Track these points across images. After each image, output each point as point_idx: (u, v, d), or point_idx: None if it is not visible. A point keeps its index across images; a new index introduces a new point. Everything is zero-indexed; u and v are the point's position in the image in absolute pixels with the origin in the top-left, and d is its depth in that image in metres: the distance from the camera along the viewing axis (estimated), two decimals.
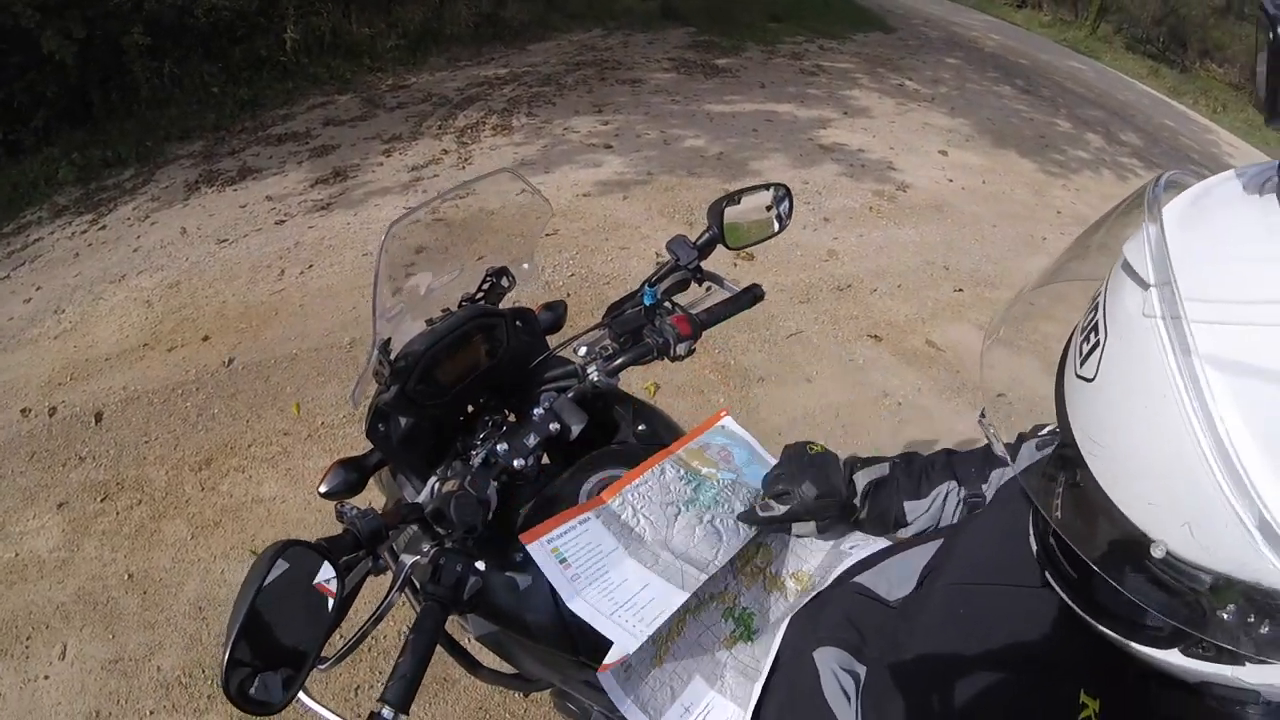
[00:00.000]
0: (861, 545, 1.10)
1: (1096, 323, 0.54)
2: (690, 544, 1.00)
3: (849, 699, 0.84)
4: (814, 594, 1.03)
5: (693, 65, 7.69)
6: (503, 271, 1.15)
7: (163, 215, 4.81)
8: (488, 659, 1.21)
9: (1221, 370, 0.44)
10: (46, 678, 2.32)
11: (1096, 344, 0.54)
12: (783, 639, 0.98)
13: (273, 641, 0.73)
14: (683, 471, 1.09)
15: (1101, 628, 0.60)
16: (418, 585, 0.94)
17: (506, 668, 1.19)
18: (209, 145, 5.84)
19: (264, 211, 4.64)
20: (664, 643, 0.97)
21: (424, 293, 1.11)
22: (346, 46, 7.34)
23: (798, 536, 1.11)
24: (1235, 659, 0.53)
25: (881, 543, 1.07)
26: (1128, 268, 0.53)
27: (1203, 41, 16.10)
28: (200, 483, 2.85)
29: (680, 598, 0.93)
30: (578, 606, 0.91)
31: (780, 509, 1.04)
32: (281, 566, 0.74)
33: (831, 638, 0.90)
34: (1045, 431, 0.90)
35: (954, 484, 1.05)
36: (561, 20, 8.96)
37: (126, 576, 2.57)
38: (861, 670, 0.86)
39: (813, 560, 1.10)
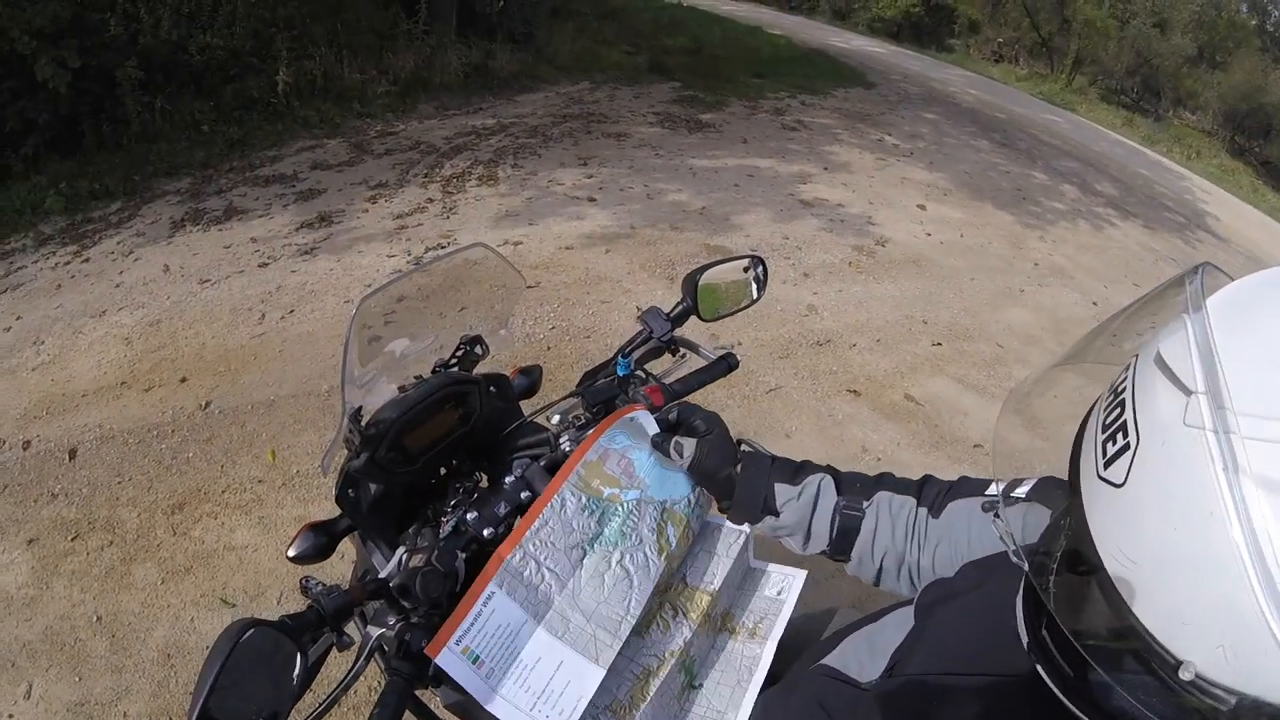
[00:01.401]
0: (790, 583, 1.10)
1: (1125, 423, 0.52)
2: (600, 597, 0.96)
3: None
4: (754, 635, 1.04)
5: (677, 120, 7.85)
6: (477, 340, 1.17)
7: (147, 251, 4.80)
8: None
9: (1272, 492, 0.43)
10: (10, 717, 2.28)
11: (1126, 447, 0.51)
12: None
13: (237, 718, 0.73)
14: (584, 499, 1.01)
15: None
16: (384, 657, 0.94)
17: None
18: (196, 183, 5.86)
19: (248, 253, 4.65)
20: (626, 711, 0.93)
21: (398, 359, 1.13)
22: (337, 91, 7.44)
23: (711, 523, 1.13)
24: None
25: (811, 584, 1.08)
26: (1163, 366, 0.51)
27: (1175, 90, 16.61)
28: (172, 527, 2.81)
29: (596, 676, 0.89)
30: (496, 708, 0.86)
31: (687, 453, 1.06)
32: (245, 645, 0.74)
33: None
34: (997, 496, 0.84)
35: (829, 480, 1.05)
36: (550, 72, 9.13)
37: (95, 618, 2.53)
38: None
39: (742, 605, 1.10)
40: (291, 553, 1.07)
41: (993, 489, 0.92)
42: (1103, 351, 0.62)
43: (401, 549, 1.01)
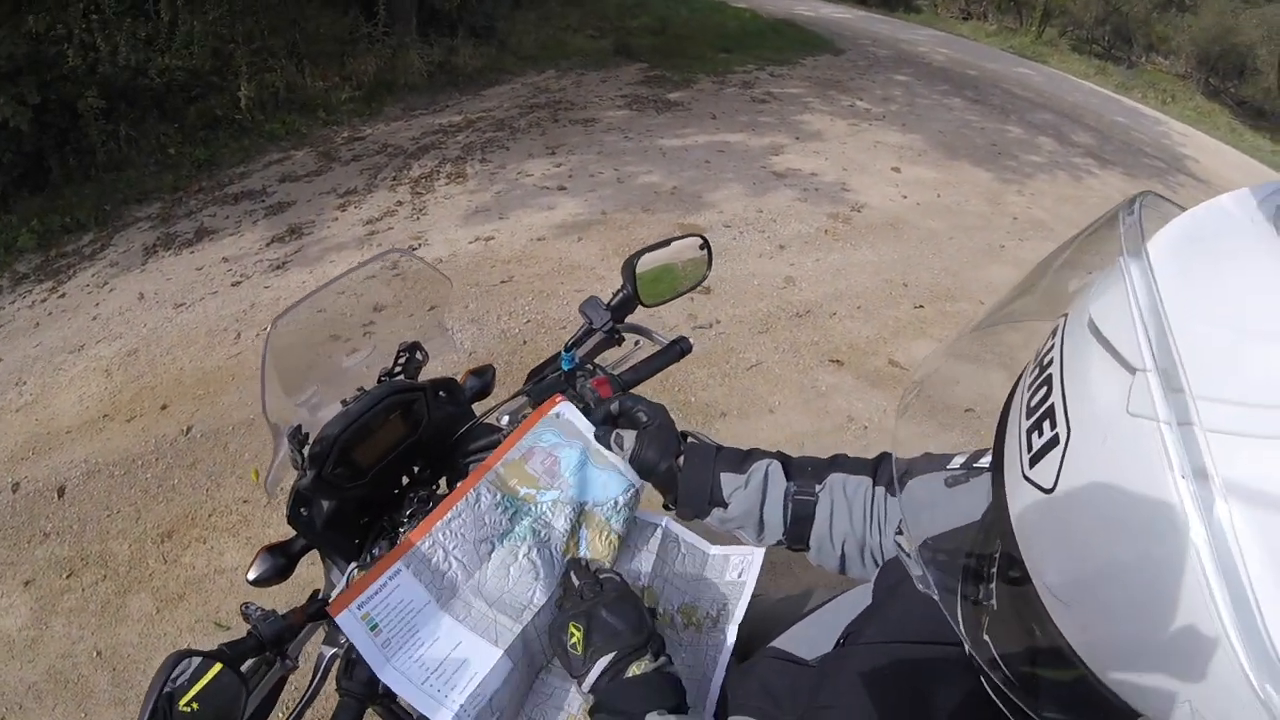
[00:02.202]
0: (748, 562, 1.08)
1: (1052, 408, 0.42)
2: (504, 587, 0.96)
3: None
4: (718, 623, 1.03)
5: (645, 101, 7.79)
6: (415, 346, 1.15)
7: (121, 281, 4.78)
8: None
9: (1247, 503, 0.33)
10: None
11: (1055, 440, 0.41)
12: (716, 706, 0.97)
13: None
14: (499, 496, 1.01)
15: None
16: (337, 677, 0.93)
17: None
18: (166, 207, 5.83)
19: (220, 273, 4.62)
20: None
21: (337, 373, 1.12)
22: (301, 101, 7.37)
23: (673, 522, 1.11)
24: None
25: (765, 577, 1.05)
26: (1097, 334, 0.40)
27: (1147, 36, 16.51)
28: (163, 555, 2.82)
29: (493, 656, 0.90)
30: (387, 676, 0.87)
31: (628, 445, 1.04)
32: (180, 676, 0.73)
33: (747, 706, 0.87)
34: (961, 466, 0.78)
35: (777, 465, 1.01)
36: (515, 63, 9.04)
37: (95, 654, 2.55)
38: None
39: (705, 595, 1.09)
40: (251, 576, 1.07)
41: (956, 461, 0.80)
42: (1033, 305, 0.51)
43: (353, 565, 1.00)
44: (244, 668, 0.83)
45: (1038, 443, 0.42)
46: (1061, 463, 0.40)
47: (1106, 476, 0.38)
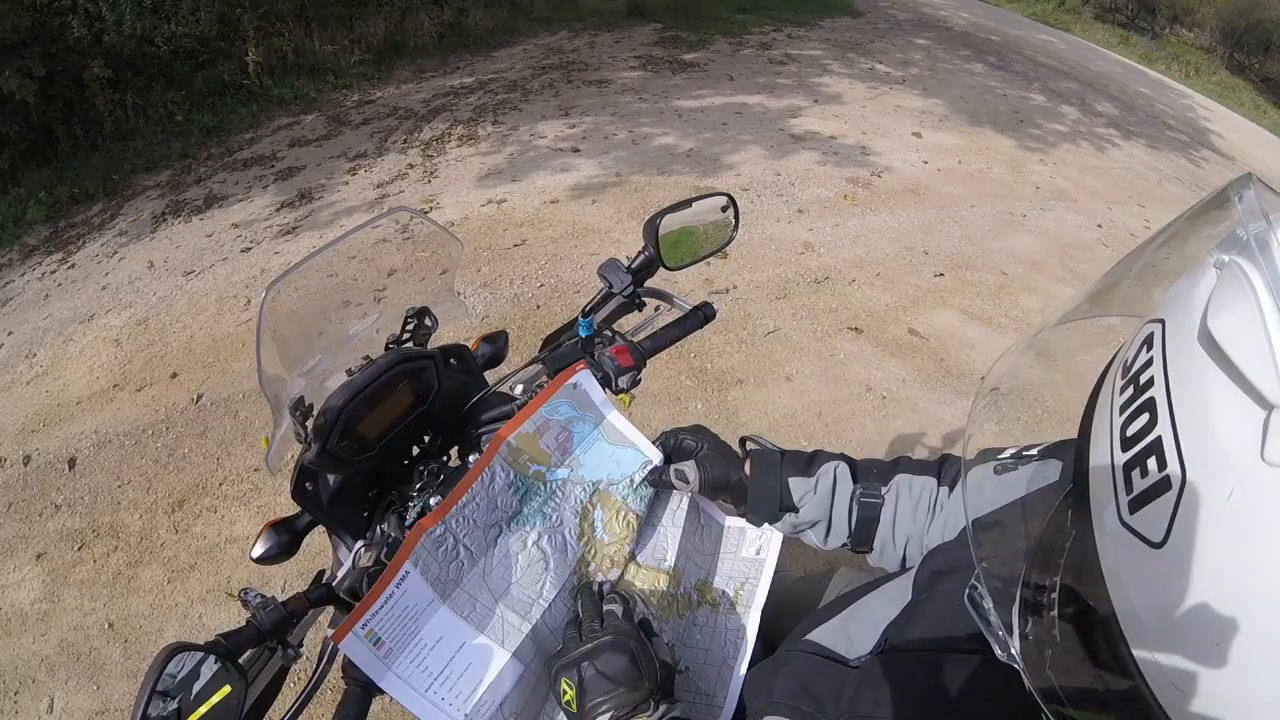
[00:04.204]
0: (768, 539, 1.04)
1: (1158, 443, 0.35)
2: (512, 578, 0.91)
3: None
4: (735, 605, 0.98)
5: (660, 62, 7.63)
6: (424, 311, 1.09)
7: (130, 250, 4.74)
8: None
9: None
10: None
11: (1164, 484, 0.35)
12: (739, 699, 0.92)
13: None
14: (512, 475, 0.94)
15: None
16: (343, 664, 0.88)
17: None
18: (176, 175, 5.78)
19: (230, 239, 4.57)
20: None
21: (341, 341, 1.05)
22: (310, 65, 7.27)
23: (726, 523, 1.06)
24: None
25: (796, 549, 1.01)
26: (1215, 352, 0.33)
27: (1171, 7, 16.11)
28: (174, 525, 2.80)
29: (500, 659, 0.84)
30: (388, 685, 0.82)
31: (692, 477, 0.99)
32: (172, 682, 0.68)
33: (782, 706, 0.83)
34: (1011, 454, 0.75)
35: (844, 468, 0.98)
36: (527, 24, 8.89)
37: (107, 625, 2.54)
38: None
39: (720, 571, 1.04)
40: (255, 554, 1.02)
41: (1006, 452, 0.76)
42: (1119, 302, 0.45)
43: (359, 544, 0.95)
44: (243, 659, 0.78)
45: (1140, 484, 0.36)
46: (1174, 514, 0.34)
47: (1235, 538, 0.31)
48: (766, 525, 1.04)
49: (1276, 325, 0.30)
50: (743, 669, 0.94)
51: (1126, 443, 0.37)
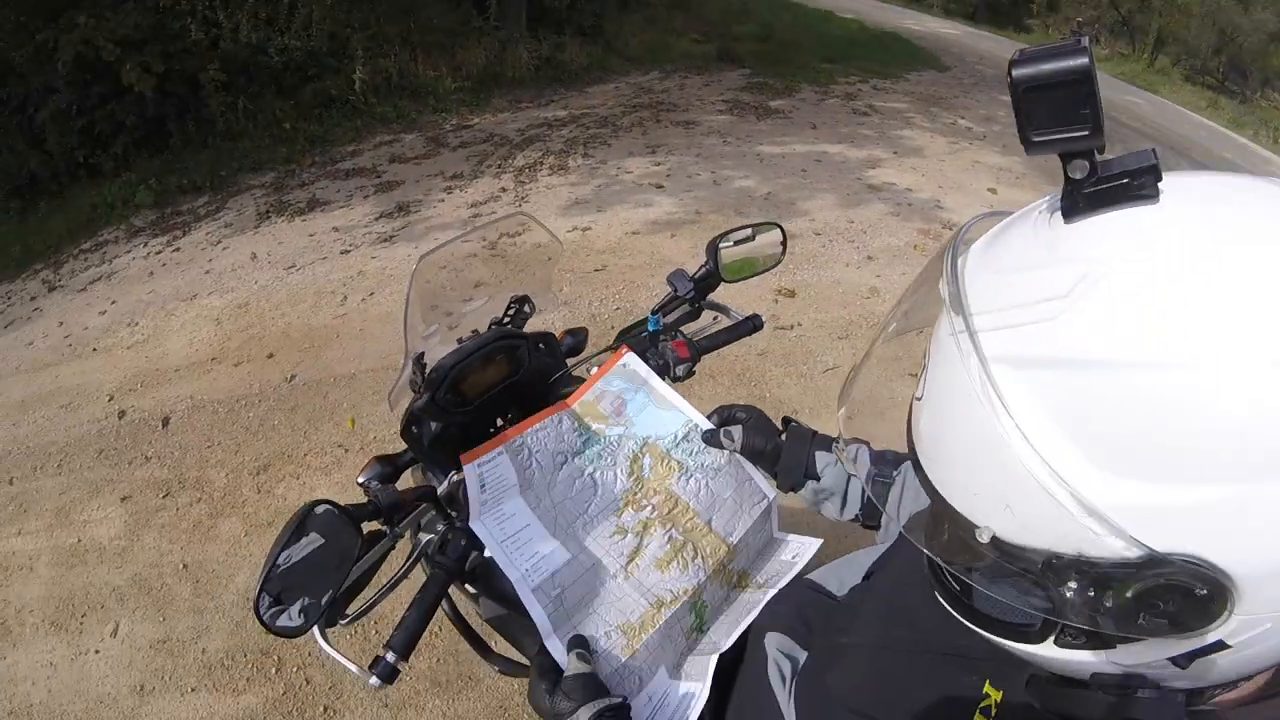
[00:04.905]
0: (805, 549, 1.21)
1: (927, 349, 0.60)
2: (568, 494, 1.14)
3: (784, 680, 0.93)
4: (762, 589, 1.14)
5: (746, 107, 7.86)
6: (524, 299, 1.30)
7: (234, 241, 5.14)
8: (499, 648, 1.33)
9: (1008, 366, 0.50)
10: (97, 652, 2.51)
11: (924, 367, 0.60)
12: (750, 627, 1.07)
13: (298, 583, 0.88)
14: (576, 425, 1.21)
15: (984, 633, 0.63)
16: (428, 560, 1.07)
17: (515, 655, 1.31)
18: (280, 177, 6.22)
19: (330, 241, 4.92)
20: (636, 634, 1.04)
21: (457, 316, 1.26)
22: (412, 88, 7.73)
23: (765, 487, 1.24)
24: (1104, 643, 0.54)
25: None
26: (943, 298, 0.57)
27: (1263, 69, 15.71)
28: (257, 486, 3.05)
29: (552, 545, 1.07)
30: (476, 527, 1.05)
31: (737, 437, 1.18)
32: (313, 521, 0.90)
33: (780, 624, 1.00)
34: None
35: (864, 449, 1.09)
36: (620, 63, 9.25)
37: (181, 566, 2.75)
38: (801, 655, 0.95)
39: (761, 568, 1.21)
40: (361, 478, 1.22)
41: None
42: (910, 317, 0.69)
43: (453, 472, 1.14)
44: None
45: (921, 375, 0.61)
46: (925, 378, 0.59)
47: (943, 376, 0.56)
48: (808, 538, 1.22)
49: (947, 271, 0.56)
50: (746, 624, 1.10)
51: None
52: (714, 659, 1.03)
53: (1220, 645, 0.50)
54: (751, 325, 1.41)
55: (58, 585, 2.76)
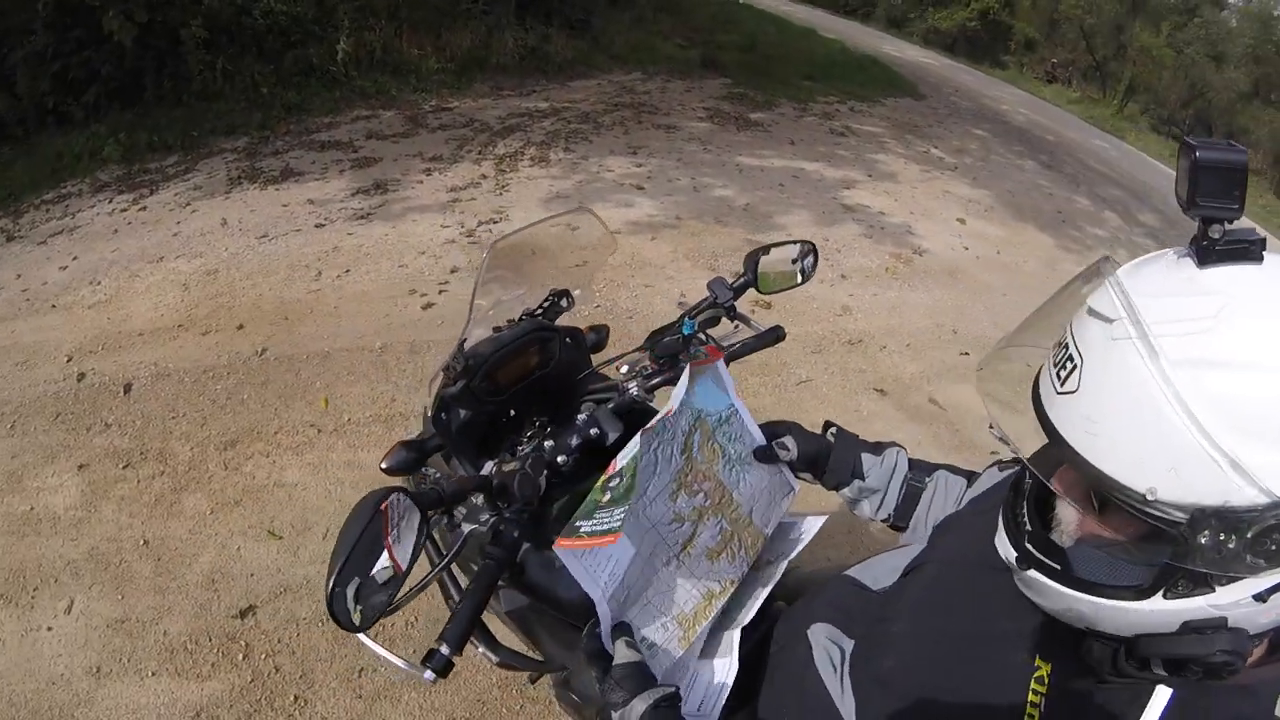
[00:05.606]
0: (808, 531, 1.27)
1: (1070, 354, 0.70)
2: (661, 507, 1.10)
3: (835, 668, 0.99)
4: (772, 564, 1.20)
5: (727, 116, 7.94)
6: (564, 293, 1.31)
7: (204, 204, 5.01)
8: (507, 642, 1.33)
9: (1176, 365, 0.63)
10: (49, 629, 2.37)
11: (1075, 366, 0.70)
12: (779, 624, 1.12)
13: (363, 572, 0.86)
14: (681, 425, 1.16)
15: (1089, 597, 0.73)
16: (478, 550, 1.07)
17: (522, 649, 1.32)
18: (253, 143, 6.09)
19: (304, 213, 4.84)
20: (691, 626, 1.06)
21: (497, 304, 1.27)
22: (395, 64, 7.62)
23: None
24: (1207, 585, 0.68)
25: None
26: (1093, 314, 0.70)
27: (1228, 125, 16.36)
28: (224, 462, 2.96)
29: (621, 547, 1.00)
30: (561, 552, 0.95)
31: (792, 446, 1.24)
32: (390, 509, 0.88)
33: (823, 614, 1.07)
34: (1009, 459, 1.10)
35: (903, 454, 1.26)
36: (604, 60, 9.25)
37: (142, 542, 2.65)
38: (849, 644, 1.01)
39: (773, 550, 1.26)
40: (385, 464, 1.21)
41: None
42: (1041, 333, 0.80)
43: (490, 463, 1.15)
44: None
45: (1063, 374, 0.71)
46: (1080, 375, 0.69)
47: (1109, 370, 0.67)
48: (814, 517, 1.29)
49: (1117, 289, 0.67)
50: (761, 598, 1.14)
51: (1054, 365, 0.72)
52: (736, 633, 1.06)
53: None
54: (775, 335, 1.44)
55: (7, 555, 2.62)
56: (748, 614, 1.09)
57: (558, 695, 1.48)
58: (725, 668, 1.04)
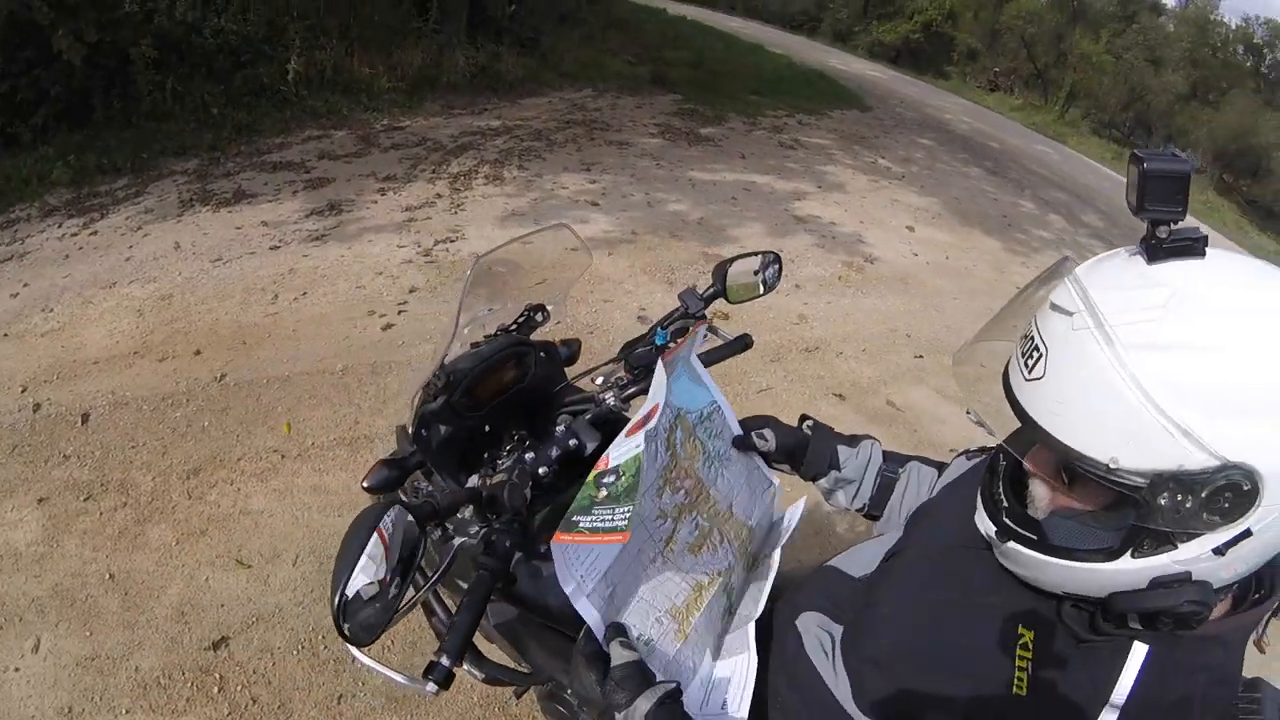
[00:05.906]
0: (792, 519, 1.31)
1: (1035, 345, 0.79)
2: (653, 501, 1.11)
3: (826, 653, 1.04)
4: (767, 556, 1.23)
5: (678, 132, 8.04)
6: (540, 308, 1.34)
7: (156, 228, 4.92)
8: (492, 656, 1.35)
9: (1130, 350, 0.71)
10: (17, 669, 2.30)
11: (1040, 355, 0.78)
12: (772, 617, 1.15)
13: (368, 584, 0.88)
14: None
15: (1065, 562, 0.81)
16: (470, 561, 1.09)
17: (509, 664, 1.34)
18: (204, 165, 6.00)
19: (259, 235, 4.78)
20: (685, 618, 1.07)
21: (469, 321, 1.29)
22: (345, 83, 7.58)
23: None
24: (1170, 543, 0.75)
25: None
26: (1055, 307, 0.79)
27: (1167, 127, 16.98)
28: (188, 491, 2.90)
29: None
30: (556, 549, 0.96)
31: (770, 437, 1.30)
32: (388, 524, 0.90)
33: (810, 604, 1.12)
34: (975, 449, 1.20)
35: (878, 445, 1.33)
36: (554, 78, 9.31)
37: (108, 576, 2.58)
38: (838, 629, 1.06)
39: (766, 545, 1.29)
40: (366, 483, 1.22)
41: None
42: (1007, 329, 0.87)
43: (474, 476, 1.18)
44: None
45: (1030, 362, 0.79)
46: (1046, 363, 0.77)
47: (1070, 358, 0.75)
48: (796, 505, 1.33)
49: (1077, 286, 0.78)
50: (769, 588, 1.16)
51: (1022, 357, 0.81)
52: (751, 627, 1.08)
53: (1246, 534, 0.72)
54: (743, 343, 1.50)
55: None
56: (757, 608, 1.12)
57: (544, 708, 1.51)
58: (745, 661, 1.06)
